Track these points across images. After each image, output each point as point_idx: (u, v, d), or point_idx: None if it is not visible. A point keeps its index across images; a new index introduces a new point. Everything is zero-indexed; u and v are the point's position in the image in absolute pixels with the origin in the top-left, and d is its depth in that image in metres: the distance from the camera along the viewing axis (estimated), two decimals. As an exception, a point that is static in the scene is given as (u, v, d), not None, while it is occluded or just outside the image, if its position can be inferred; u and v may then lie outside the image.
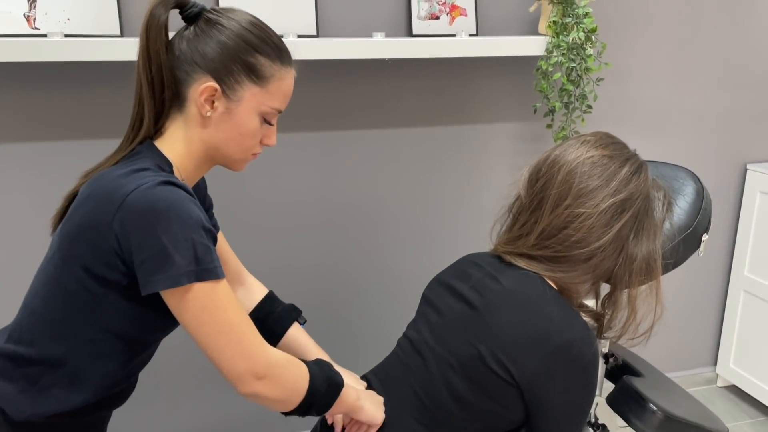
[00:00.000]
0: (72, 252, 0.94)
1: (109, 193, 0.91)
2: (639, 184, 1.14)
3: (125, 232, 0.89)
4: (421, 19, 1.96)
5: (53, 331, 0.96)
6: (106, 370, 0.99)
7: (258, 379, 0.95)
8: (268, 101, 1.01)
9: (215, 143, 1.02)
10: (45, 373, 0.96)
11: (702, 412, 1.28)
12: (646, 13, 2.15)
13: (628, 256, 1.14)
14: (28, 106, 1.73)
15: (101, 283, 0.93)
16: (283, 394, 0.98)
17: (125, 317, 0.97)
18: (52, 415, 0.97)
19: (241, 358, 0.93)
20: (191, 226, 0.89)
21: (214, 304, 0.91)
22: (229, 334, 0.92)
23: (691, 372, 2.65)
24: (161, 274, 0.88)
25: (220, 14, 1.00)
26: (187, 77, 0.98)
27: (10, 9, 1.64)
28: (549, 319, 1.10)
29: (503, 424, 1.14)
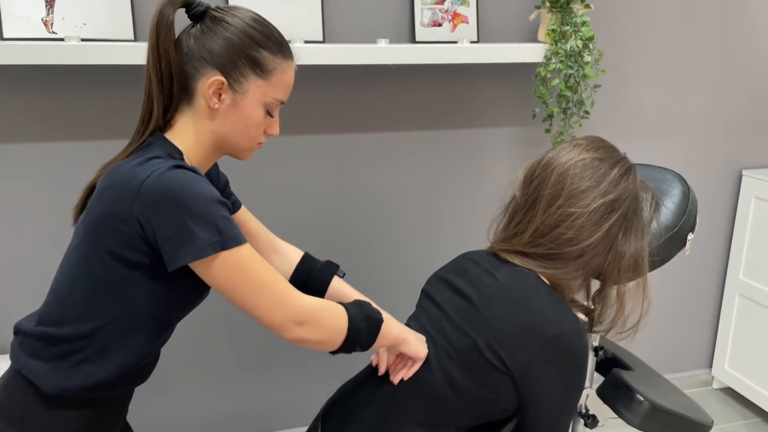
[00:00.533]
0: (96, 239, 1.00)
1: (126, 181, 0.97)
2: (628, 185, 1.20)
3: (146, 215, 0.95)
4: (424, 26, 2.02)
5: (82, 312, 1.02)
6: (132, 346, 1.05)
7: (299, 324, 1.02)
8: (272, 93, 1.07)
9: (223, 133, 1.08)
10: (74, 350, 1.03)
11: (688, 404, 1.33)
12: (644, 21, 2.21)
13: (616, 253, 1.19)
14: (45, 107, 1.80)
15: (126, 265, 1.00)
16: (325, 335, 1.06)
17: (149, 296, 1.03)
18: (82, 388, 1.03)
19: (278, 309, 1.01)
20: (207, 202, 0.96)
21: (242, 266, 0.98)
22: (263, 290, 1.00)
23: (687, 374, 2.70)
24: (187, 248, 0.95)
25: (225, 12, 1.07)
26: (196, 72, 1.04)
27: (29, 14, 1.71)
28: (542, 313, 1.15)
29: (497, 412, 1.20)
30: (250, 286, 1.00)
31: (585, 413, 1.31)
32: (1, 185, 1.81)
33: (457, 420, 1.19)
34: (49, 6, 1.73)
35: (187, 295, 1.08)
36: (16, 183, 1.82)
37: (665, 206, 1.29)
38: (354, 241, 2.14)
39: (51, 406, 1.03)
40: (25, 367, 1.04)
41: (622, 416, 1.24)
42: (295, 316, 1.02)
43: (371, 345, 1.13)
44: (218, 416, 2.18)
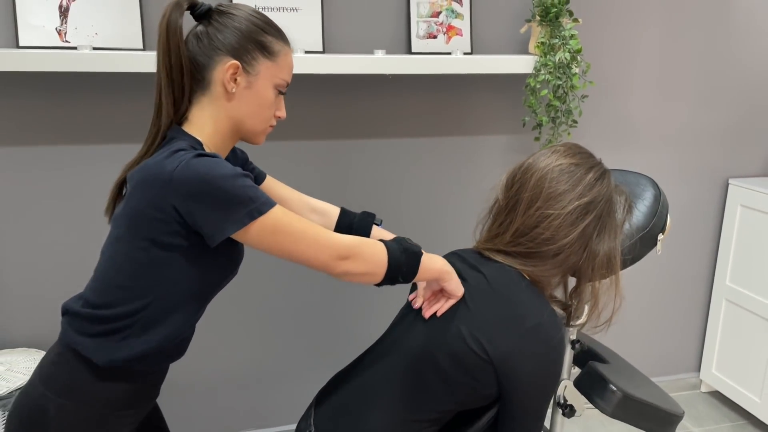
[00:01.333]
0: (136, 229, 1.11)
1: (158, 174, 1.07)
2: (602, 188, 1.28)
3: (182, 202, 1.06)
4: (419, 38, 2.12)
5: (127, 295, 1.13)
6: (173, 322, 1.16)
7: (343, 259, 1.14)
8: (279, 73, 1.19)
9: (239, 116, 1.19)
10: (122, 327, 1.14)
11: (659, 395, 1.41)
12: (632, 34, 2.30)
13: (591, 252, 1.28)
14: (58, 112, 1.90)
15: (166, 249, 1.11)
16: (368, 267, 1.16)
17: (188, 275, 1.14)
18: (128, 359, 1.14)
19: (322, 250, 1.13)
20: (233, 177, 1.06)
21: (279, 224, 1.10)
22: (304, 239, 1.12)
23: (676, 377, 2.77)
24: (226, 222, 1.06)
25: (228, 7, 1.19)
26: (210, 62, 1.15)
27: (44, 23, 1.81)
28: (522, 305, 1.24)
29: (479, 399, 1.28)
30: (291, 239, 1.11)
31: (563, 403, 1.39)
32: (16, 185, 1.91)
33: (440, 406, 1.27)
34: (63, 16, 1.83)
35: (221, 272, 1.20)
36: (30, 183, 1.92)
37: (637, 209, 1.37)
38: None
39: (97, 377, 1.14)
40: (76, 343, 1.15)
41: (596, 405, 1.32)
42: (338, 253, 1.13)
43: (414, 276, 1.22)
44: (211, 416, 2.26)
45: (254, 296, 2.19)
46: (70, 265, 1.99)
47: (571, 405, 1.38)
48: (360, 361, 1.40)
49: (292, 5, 2.00)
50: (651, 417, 1.35)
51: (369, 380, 1.33)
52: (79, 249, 1.99)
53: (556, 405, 1.41)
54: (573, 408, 1.38)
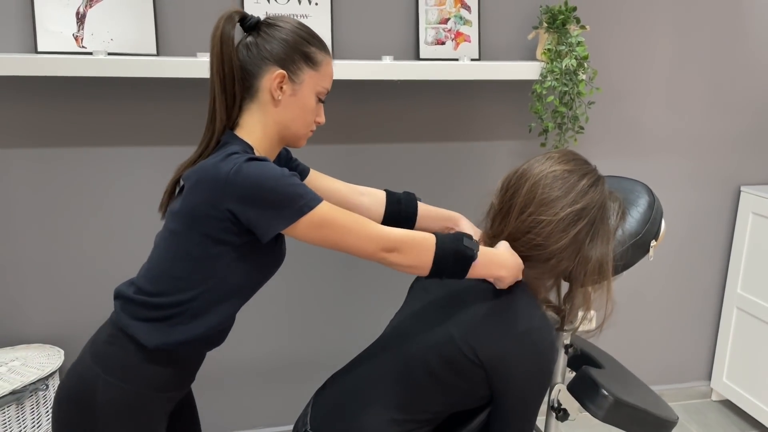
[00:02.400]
0: (193, 225, 1.18)
1: (214, 176, 1.15)
2: (595, 195, 1.30)
3: (237, 203, 1.13)
4: (428, 44, 2.14)
5: (181, 285, 1.21)
6: (220, 311, 1.24)
7: (388, 251, 1.19)
8: (321, 81, 1.27)
9: (285, 122, 1.27)
10: (174, 314, 1.21)
11: (654, 401, 1.41)
12: (642, 39, 2.30)
13: (583, 257, 1.29)
14: (75, 116, 1.96)
15: (220, 245, 1.18)
16: (413, 261, 1.21)
17: (238, 269, 1.22)
18: (175, 344, 1.22)
19: (368, 242, 1.18)
20: (282, 178, 1.14)
21: (327, 219, 1.16)
22: (351, 232, 1.18)
23: (686, 385, 2.75)
24: (278, 219, 1.14)
25: (276, 19, 1.26)
26: (259, 70, 1.23)
27: (62, 29, 1.87)
28: (513, 309, 1.26)
29: (471, 401, 1.30)
30: (339, 232, 1.17)
31: (557, 407, 1.40)
32: (34, 185, 1.97)
33: (433, 407, 1.29)
34: (80, 23, 1.89)
35: (266, 269, 1.28)
36: (48, 183, 1.98)
37: (631, 215, 1.38)
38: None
39: (146, 359, 1.21)
40: (129, 326, 1.22)
41: (588, 409, 1.33)
42: (384, 245, 1.19)
43: (465, 272, 1.24)
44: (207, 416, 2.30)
45: (262, 295, 2.23)
46: (86, 262, 2.05)
47: (564, 409, 1.39)
48: (356, 362, 1.43)
49: (301, 12, 2.04)
50: (643, 422, 1.36)
51: (363, 380, 1.36)
52: (94, 247, 2.05)
53: (550, 409, 1.43)
54: (566, 412, 1.39)
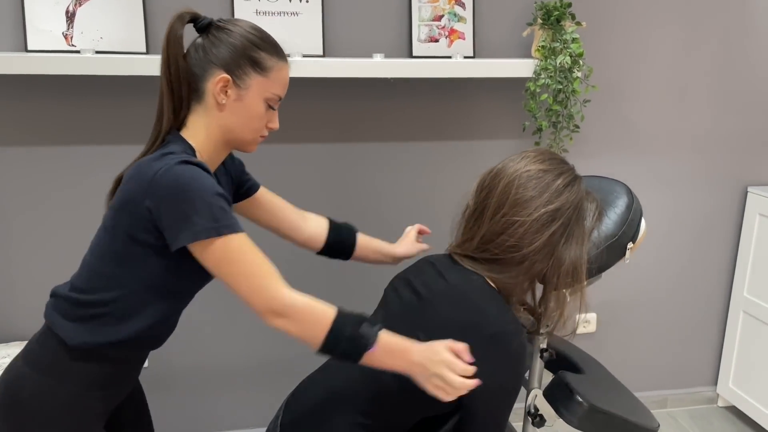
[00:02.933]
0: (119, 222, 1.17)
1: (144, 173, 1.13)
2: (571, 195, 1.26)
3: (155, 203, 1.11)
4: (421, 42, 2.11)
5: (107, 283, 1.19)
6: (148, 315, 1.21)
7: (278, 316, 1.13)
8: (270, 88, 1.23)
9: (230, 126, 1.24)
10: (99, 314, 1.19)
11: (633, 408, 1.37)
12: (642, 36, 2.25)
13: (557, 259, 1.26)
14: (64, 114, 1.97)
15: (142, 245, 1.16)
16: (302, 331, 1.14)
17: (162, 272, 1.19)
18: (101, 344, 1.20)
19: (260, 299, 1.12)
20: (207, 193, 1.10)
21: (233, 253, 1.12)
22: (250, 279, 1.12)
23: (691, 390, 2.69)
24: (185, 231, 1.10)
25: (227, 22, 1.24)
26: (205, 73, 1.21)
27: (51, 28, 1.88)
28: (481, 313, 1.23)
29: (440, 406, 1.27)
30: (239, 271, 1.12)
31: (534, 413, 1.37)
32: (23, 184, 1.99)
33: (400, 413, 1.27)
34: (70, 21, 1.89)
35: (195, 273, 1.23)
36: (37, 182, 2.00)
37: (608, 216, 1.34)
38: (351, 245, 2.24)
39: (74, 357, 1.20)
40: (55, 324, 1.21)
41: (562, 416, 1.29)
42: (275, 308, 1.13)
43: (356, 358, 1.15)
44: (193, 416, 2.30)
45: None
46: (76, 260, 2.06)
47: (541, 414, 1.36)
48: (327, 365, 1.41)
49: (292, 10, 2.02)
50: (618, 429, 1.32)
51: (333, 385, 1.34)
52: (84, 245, 2.06)
53: (527, 414, 1.39)
54: (543, 417, 1.36)
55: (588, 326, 2.51)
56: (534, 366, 1.42)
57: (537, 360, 1.40)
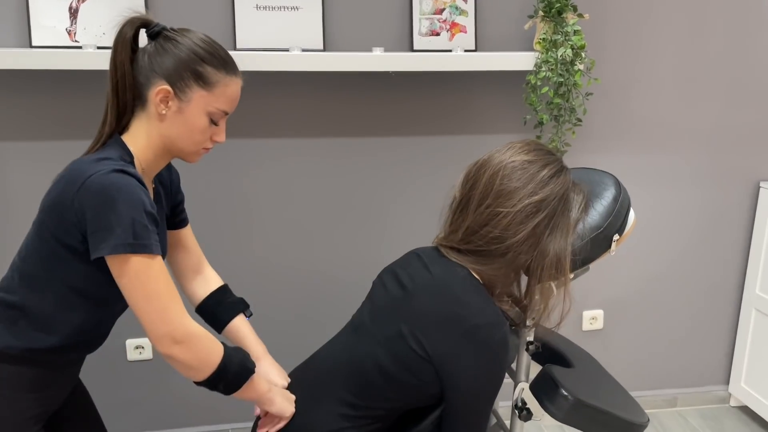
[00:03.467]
0: (46, 222, 1.16)
1: (76, 176, 1.11)
2: (556, 186, 1.25)
3: (82, 208, 1.09)
4: (422, 36, 2.11)
5: (30, 285, 1.18)
6: (72, 321, 1.20)
7: (175, 343, 1.12)
8: (214, 103, 1.21)
9: (170, 137, 1.22)
10: (23, 317, 1.18)
11: (622, 403, 1.35)
12: (649, 28, 2.21)
13: (541, 251, 1.24)
14: (67, 109, 2.00)
15: (65, 248, 1.14)
16: (196, 361, 1.15)
17: (84, 277, 1.17)
18: (25, 349, 1.18)
19: (162, 323, 1.11)
20: (134, 208, 1.08)
21: (145, 274, 1.10)
22: (155, 301, 1.11)
23: (703, 389, 2.64)
24: (104, 243, 1.07)
25: (177, 32, 1.21)
26: (148, 82, 1.19)
27: (55, 24, 1.91)
28: (463, 305, 1.22)
29: (423, 398, 1.27)
30: (145, 294, 1.10)
31: (520, 406, 1.35)
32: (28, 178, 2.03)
33: (383, 403, 1.27)
34: (73, 17, 1.92)
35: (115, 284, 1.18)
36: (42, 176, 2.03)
37: (594, 208, 1.32)
38: (350, 240, 2.24)
39: (1, 360, 1.18)
40: None
41: (547, 409, 1.28)
42: (175, 334, 1.12)
43: (235, 390, 1.21)
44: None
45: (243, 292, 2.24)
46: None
47: (528, 408, 1.34)
48: (314, 356, 1.42)
49: (292, 4, 2.03)
50: (606, 425, 1.30)
51: (318, 375, 1.34)
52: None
53: (514, 408, 1.38)
54: (530, 411, 1.34)
55: (595, 323, 2.48)
56: (521, 359, 1.40)
57: (523, 353, 1.39)
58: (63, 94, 1.99)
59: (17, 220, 2.05)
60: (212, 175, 2.10)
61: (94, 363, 1.76)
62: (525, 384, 1.37)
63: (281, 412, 1.29)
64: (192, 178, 2.07)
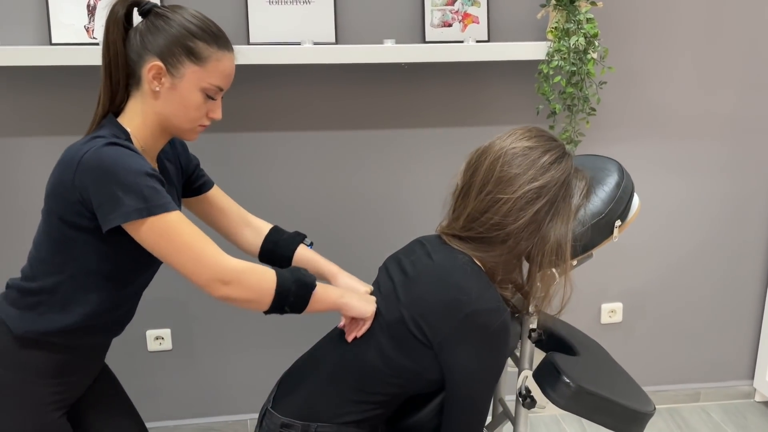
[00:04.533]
0: (51, 207, 1.19)
1: (71, 157, 1.14)
2: (557, 173, 1.24)
3: (84, 185, 1.12)
4: (434, 27, 2.11)
5: (46, 269, 1.21)
6: (90, 301, 1.22)
7: (224, 284, 1.13)
8: (208, 78, 1.21)
9: (165, 114, 1.23)
10: (42, 301, 1.21)
11: (627, 391, 1.33)
12: (665, 15, 2.18)
13: (541, 237, 1.24)
14: (87, 104, 2.05)
15: (74, 229, 1.16)
16: (251, 293, 1.16)
17: (98, 256, 1.19)
18: (45, 332, 1.21)
19: (203, 269, 1.12)
20: (135, 173, 1.10)
21: (167, 231, 1.12)
22: (188, 251, 1.12)
23: (727, 384, 2.59)
24: (115, 213, 1.10)
25: (167, 9, 1.23)
26: (140, 60, 1.20)
27: (74, 22, 1.96)
28: (463, 291, 1.22)
29: (425, 384, 1.27)
30: (175, 248, 1.12)
31: (524, 394, 1.35)
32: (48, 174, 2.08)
33: (387, 389, 1.27)
34: (91, 14, 1.97)
35: (133, 258, 1.23)
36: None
37: (596, 194, 1.30)
38: (363, 232, 2.25)
39: (21, 345, 1.22)
40: (4, 313, 1.25)
41: (549, 397, 1.27)
42: (221, 276, 1.13)
43: (304, 307, 1.22)
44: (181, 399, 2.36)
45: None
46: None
47: (532, 396, 1.33)
48: (320, 343, 1.43)
49: (304, -2, 2.05)
50: (609, 413, 1.29)
51: (321, 361, 1.36)
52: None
53: (518, 396, 1.38)
54: (534, 399, 1.33)
55: (614, 316, 2.45)
56: (524, 347, 1.40)
57: (526, 340, 1.38)
58: (82, 89, 2.04)
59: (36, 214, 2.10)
60: (225, 168, 2.13)
61: (115, 353, 1.80)
62: (528, 372, 1.36)
63: (361, 313, 1.28)
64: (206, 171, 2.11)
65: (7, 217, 2.10)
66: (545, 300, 1.28)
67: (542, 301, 1.28)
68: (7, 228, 2.10)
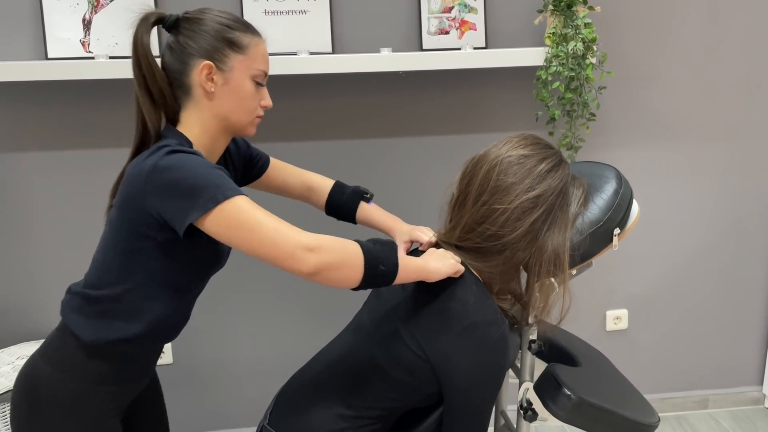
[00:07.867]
0: (122, 217, 1.19)
1: (140, 169, 1.14)
2: (554, 181, 1.22)
3: (155, 195, 1.12)
4: (431, 35, 2.09)
5: (113, 279, 1.21)
6: (156, 310, 1.23)
7: (309, 250, 1.08)
8: (253, 64, 1.24)
9: (224, 113, 1.24)
10: (109, 310, 1.22)
11: (631, 403, 1.30)
12: (666, 19, 2.16)
13: (539, 247, 1.21)
14: (83, 118, 2.04)
15: (143, 239, 1.17)
16: (341, 256, 1.10)
17: (164, 267, 1.21)
18: (113, 341, 1.22)
19: (285, 241, 1.08)
20: (202, 167, 1.11)
21: (238, 215, 1.10)
22: (263, 228, 1.09)
23: (736, 390, 2.55)
24: (189, 209, 1.10)
25: (194, 13, 1.25)
26: (186, 67, 1.21)
27: (69, 36, 1.96)
28: (460, 302, 1.20)
29: (422, 398, 1.25)
30: (249, 228, 1.09)
31: (526, 407, 1.32)
32: (51, 185, 2.07)
33: (381, 403, 1.25)
34: (86, 29, 1.97)
35: (202, 265, 1.26)
36: (63, 183, 2.08)
37: (594, 202, 1.28)
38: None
39: (88, 354, 1.23)
40: (70, 320, 1.25)
41: (550, 410, 1.24)
42: (303, 244, 1.08)
43: (396, 268, 1.15)
44: (243, 403, 2.34)
45: (256, 293, 2.25)
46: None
47: (533, 408, 1.31)
48: (315, 357, 1.41)
49: (300, 8, 2.04)
50: (611, 425, 1.26)
51: (318, 377, 1.34)
52: (107, 245, 2.13)
53: (519, 408, 1.35)
54: (535, 411, 1.31)
55: (619, 323, 2.42)
56: (524, 358, 1.37)
57: (526, 352, 1.36)
58: (79, 103, 2.03)
59: (38, 228, 2.10)
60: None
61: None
62: (529, 384, 1.34)
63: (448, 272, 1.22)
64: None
65: (2, 232, 2.09)
66: (544, 310, 1.26)
67: (541, 312, 1.26)
68: (2, 242, 2.10)
